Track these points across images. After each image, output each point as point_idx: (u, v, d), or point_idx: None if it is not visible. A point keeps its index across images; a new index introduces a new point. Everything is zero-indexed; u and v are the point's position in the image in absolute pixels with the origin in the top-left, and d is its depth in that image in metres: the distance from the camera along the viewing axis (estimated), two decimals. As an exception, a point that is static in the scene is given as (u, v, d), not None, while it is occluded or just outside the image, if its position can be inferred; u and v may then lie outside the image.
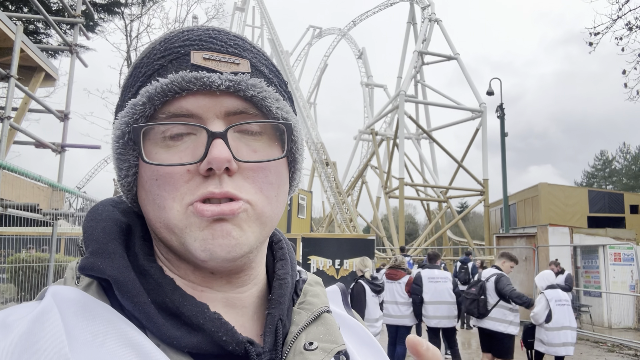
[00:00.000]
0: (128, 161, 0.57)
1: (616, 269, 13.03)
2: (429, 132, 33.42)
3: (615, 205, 30.65)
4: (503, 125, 20.12)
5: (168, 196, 0.54)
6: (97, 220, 0.59)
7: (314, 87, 52.48)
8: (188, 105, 0.54)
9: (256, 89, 0.56)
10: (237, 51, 0.59)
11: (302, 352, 0.56)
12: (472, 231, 47.98)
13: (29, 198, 5.62)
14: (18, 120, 6.96)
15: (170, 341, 0.51)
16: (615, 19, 10.34)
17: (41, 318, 0.47)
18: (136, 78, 0.58)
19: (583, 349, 10.25)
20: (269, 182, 0.57)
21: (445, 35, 33.44)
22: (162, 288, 0.54)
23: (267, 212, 0.57)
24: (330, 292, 0.76)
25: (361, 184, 38.23)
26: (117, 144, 0.57)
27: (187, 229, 0.53)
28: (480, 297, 6.27)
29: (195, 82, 0.53)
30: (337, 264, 12.60)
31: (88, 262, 0.53)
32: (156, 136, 0.55)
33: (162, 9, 24.91)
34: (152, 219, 0.56)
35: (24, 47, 6.27)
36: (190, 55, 0.56)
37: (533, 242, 14.23)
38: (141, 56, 0.61)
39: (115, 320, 0.49)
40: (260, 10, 43.26)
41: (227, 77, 0.55)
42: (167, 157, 0.54)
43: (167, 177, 0.54)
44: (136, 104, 0.54)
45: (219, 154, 0.52)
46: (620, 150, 55.95)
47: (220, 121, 0.55)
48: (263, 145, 0.58)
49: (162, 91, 0.53)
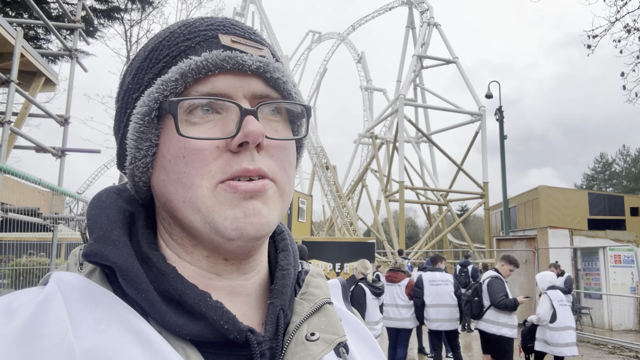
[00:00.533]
0: (149, 140, 0.56)
1: (616, 271, 13.02)
2: (428, 136, 33.43)
3: (615, 208, 30.64)
4: (502, 128, 20.16)
5: (196, 173, 0.54)
6: (102, 207, 0.59)
7: (314, 92, 52.57)
8: (220, 83, 0.55)
9: (280, 72, 0.59)
10: (257, 39, 0.62)
11: (304, 342, 0.57)
12: (472, 234, 47.95)
13: (29, 202, 5.63)
14: (18, 125, 6.98)
15: (172, 329, 0.51)
16: (614, 22, 10.36)
17: (45, 304, 0.48)
18: (156, 60, 0.58)
19: (584, 351, 10.23)
20: (289, 162, 0.59)
21: (444, 39, 33.52)
22: (164, 276, 0.54)
23: (288, 191, 0.59)
24: (331, 285, 0.76)
25: (361, 188, 38.24)
26: (142, 121, 0.56)
27: (215, 207, 0.54)
28: (473, 298, 6.30)
29: (229, 60, 0.55)
30: (338, 268, 12.58)
31: (92, 248, 0.53)
32: (182, 113, 0.55)
33: (162, 14, 25.03)
34: (175, 199, 0.55)
35: (24, 52, 6.30)
36: (219, 38, 0.58)
37: (533, 244, 14.23)
38: (156, 40, 0.61)
39: (118, 307, 0.50)
40: (260, 15, 43.39)
41: (257, 59, 0.57)
42: (194, 133, 0.54)
43: (196, 153, 0.54)
44: (168, 81, 0.54)
45: (255, 128, 0.53)
46: (620, 152, 55.99)
47: (247, 101, 0.57)
48: (282, 126, 0.60)
49: (196, 68, 0.54)
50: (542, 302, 6.25)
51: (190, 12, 16.43)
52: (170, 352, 0.48)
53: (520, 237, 15.75)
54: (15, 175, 4.92)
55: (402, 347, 7.14)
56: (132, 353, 0.46)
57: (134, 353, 0.46)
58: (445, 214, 31.98)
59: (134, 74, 0.60)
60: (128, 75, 0.62)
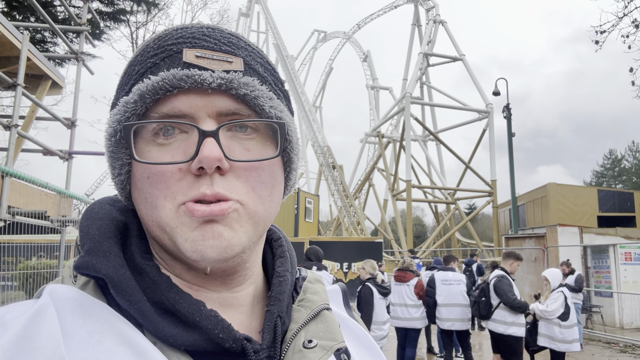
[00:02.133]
0: (121, 159, 0.57)
1: (627, 268, 12.88)
2: (435, 134, 33.32)
3: (625, 205, 30.33)
4: (510, 126, 20.03)
5: (160, 194, 0.53)
6: (93, 219, 0.58)
7: (320, 91, 52.57)
8: (180, 104, 0.53)
9: (248, 88, 0.55)
10: (230, 49, 0.58)
11: (301, 350, 0.56)
12: (480, 232, 47.72)
13: (37, 205, 5.66)
14: (26, 128, 7.03)
15: (166, 339, 0.50)
16: (622, 17, 10.26)
17: (37, 317, 0.47)
18: (130, 76, 0.58)
19: (595, 350, 10.14)
20: (261, 182, 0.57)
21: (450, 36, 33.39)
22: (158, 286, 0.53)
23: (260, 212, 0.56)
24: (331, 291, 0.75)
25: (368, 187, 38.18)
26: (110, 141, 0.56)
27: (177, 229, 0.53)
28: (481, 299, 6.27)
29: (186, 79, 0.53)
30: (345, 267, 12.57)
31: (83, 261, 0.53)
32: (148, 134, 0.55)
33: (167, 15, 25.11)
34: (145, 218, 0.56)
35: (31, 56, 6.33)
36: (183, 53, 0.55)
37: (542, 242, 14.12)
38: (135, 54, 0.60)
39: (112, 318, 0.49)
40: (265, 15, 43.46)
41: (219, 75, 0.54)
42: (158, 155, 0.54)
43: (159, 175, 0.53)
44: (128, 102, 0.54)
45: (209, 153, 0.51)
46: (629, 148, 55.45)
47: (212, 120, 0.54)
48: (257, 144, 0.57)
49: (153, 89, 0.53)
50: (557, 299, 6.24)
51: (195, 13, 16.50)
52: None
53: (529, 235, 15.64)
54: (22, 179, 4.94)
55: (410, 347, 7.11)
56: None
57: None
58: (453, 213, 31.83)
59: (116, 89, 0.61)
60: (117, 89, 0.62)
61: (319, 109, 51.82)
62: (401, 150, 30.65)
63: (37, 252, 7.70)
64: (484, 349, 10.04)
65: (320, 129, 35.66)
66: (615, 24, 10.33)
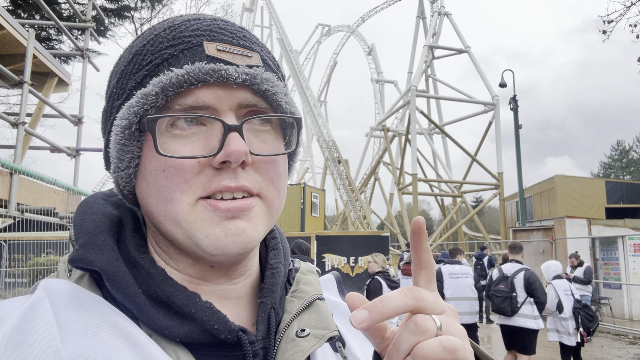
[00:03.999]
0: (131, 152, 0.56)
1: (636, 260, 12.80)
2: (441, 127, 33.19)
3: (633, 196, 30.09)
4: (517, 118, 19.91)
5: (176, 188, 0.53)
6: (87, 213, 0.58)
7: (324, 85, 52.45)
8: (204, 96, 0.53)
9: (269, 83, 0.56)
10: (247, 44, 0.58)
11: (294, 339, 0.56)
12: (487, 225, 47.58)
13: (45, 202, 5.69)
14: (33, 125, 7.05)
15: (162, 331, 0.51)
16: (629, 6, 10.14)
17: (32, 311, 0.47)
18: (139, 65, 0.56)
19: (604, 342, 10.10)
20: (279, 175, 0.58)
21: (455, 28, 33.17)
22: (152, 279, 0.54)
23: (276, 204, 0.58)
24: (325, 280, 0.76)
25: (374, 181, 38.12)
26: (122, 134, 0.55)
27: (196, 224, 0.53)
28: (512, 294, 6.15)
29: (212, 74, 0.52)
30: (352, 262, 12.56)
31: (77, 254, 0.53)
32: (163, 125, 0.54)
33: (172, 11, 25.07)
34: (156, 212, 0.55)
35: (37, 53, 6.35)
36: (204, 46, 0.55)
37: (550, 234, 14.06)
38: (141, 42, 0.58)
39: (107, 311, 0.49)
40: (269, 10, 43.36)
41: (244, 71, 0.54)
42: (176, 147, 0.53)
43: (177, 168, 0.53)
44: (148, 94, 0.52)
45: (237, 148, 0.51)
46: (637, 139, 55.03)
47: (233, 113, 0.55)
48: (271, 137, 0.58)
49: (177, 82, 0.52)
50: (547, 292, 6.25)
51: (199, 8, 16.46)
52: (160, 355, 0.48)
53: (537, 228, 15.57)
54: (30, 176, 4.96)
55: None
56: (121, 357, 0.46)
57: (124, 357, 0.46)
58: (460, 206, 31.73)
59: (118, 77, 0.59)
60: (113, 78, 0.60)
61: (323, 104, 51.73)
62: (407, 143, 30.55)
63: (46, 249, 7.75)
64: (492, 342, 10.03)
65: (325, 124, 35.61)
66: (623, 13, 10.22)
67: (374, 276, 6.42)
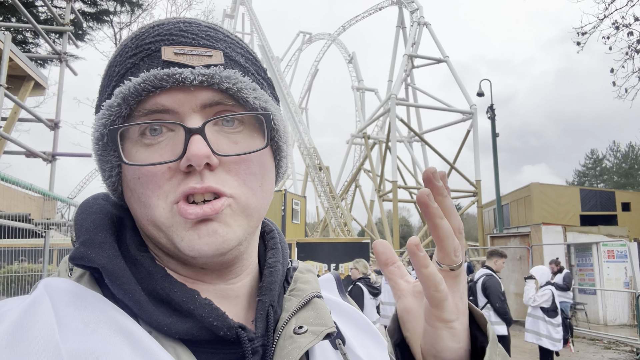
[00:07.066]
0: (110, 162, 0.57)
1: (610, 266, 13.10)
2: (420, 135, 33.52)
3: (607, 203, 30.85)
4: (494, 126, 20.25)
5: (152, 194, 0.54)
6: (88, 212, 0.59)
7: (306, 92, 52.57)
8: (163, 101, 0.54)
9: (230, 81, 0.55)
10: (209, 43, 0.58)
11: (292, 336, 0.57)
12: (466, 232, 47.81)
13: (20, 208, 5.55)
14: (8, 129, 6.89)
15: (161, 328, 0.51)
16: (602, 19, 10.45)
17: (32, 308, 0.48)
18: (111, 78, 0.58)
19: (580, 347, 10.28)
20: (252, 174, 0.57)
21: (435, 38, 33.63)
22: (152, 276, 0.54)
23: (253, 204, 0.57)
24: (325, 280, 0.77)
25: (355, 188, 38.24)
26: (97, 145, 0.57)
27: (173, 227, 0.54)
28: (470, 298, 6.28)
29: (167, 79, 0.53)
30: (333, 268, 12.55)
31: (78, 252, 0.54)
32: (134, 135, 0.55)
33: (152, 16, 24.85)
34: (140, 217, 0.56)
35: (13, 56, 6.22)
36: (161, 51, 0.55)
37: (527, 241, 14.29)
38: (115, 54, 0.60)
39: (107, 308, 0.50)
40: (250, 16, 43.31)
41: (200, 72, 0.54)
42: (147, 155, 0.54)
43: (149, 175, 0.54)
44: (111, 106, 0.54)
45: (197, 151, 0.51)
46: (610, 148, 56.44)
47: (197, 115, 0.55)
48: (244, 136, 0.57)
49: (135, 91, 0.53)
50: (544, 294, 6.33)
51: (180, 14, 16.36)
52: (159, 351, 0.48)
53: (514, 234, 15.82)
54: (5, 180, 4.84)
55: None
56: (120, 353, 0.46)
57: (123, 353, 0.46)
58: (439, 213, 31.95)
59: (99, 90, 0.61)
60: (99, 90, 0.62)
61: (305, 110, 51.78)
62: (387, 151, 30.77)
63: (19, 256, 7.55)
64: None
65: (307, 131, 35.63)
66: (596, 25, 10.52)
67: (355, 282, 6.44)
